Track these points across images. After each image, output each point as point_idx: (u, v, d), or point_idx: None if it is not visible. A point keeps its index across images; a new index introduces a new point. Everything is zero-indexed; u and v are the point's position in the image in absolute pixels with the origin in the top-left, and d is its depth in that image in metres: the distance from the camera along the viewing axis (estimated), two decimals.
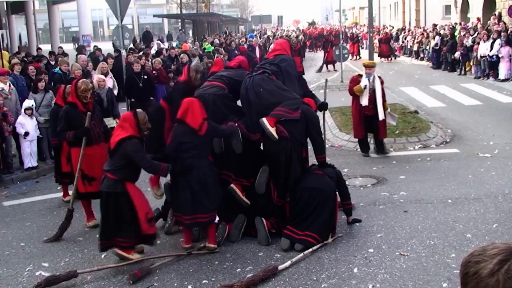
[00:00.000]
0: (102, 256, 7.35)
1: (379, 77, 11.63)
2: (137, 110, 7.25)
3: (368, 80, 11.34)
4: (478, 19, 30.37)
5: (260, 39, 37.42)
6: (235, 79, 7.89)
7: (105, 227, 7.00)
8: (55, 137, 9.38)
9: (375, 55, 26.13)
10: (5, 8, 29.88)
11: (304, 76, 24.81)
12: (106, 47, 26.29)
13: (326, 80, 10.26)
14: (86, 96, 8.36)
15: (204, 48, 25.50)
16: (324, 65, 29.51)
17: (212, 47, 24.42)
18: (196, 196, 6.98)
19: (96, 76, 13.07)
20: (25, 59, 18.86)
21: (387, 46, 34.59)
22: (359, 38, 39.51)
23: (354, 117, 11.87)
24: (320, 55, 42.73)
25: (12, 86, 12.24)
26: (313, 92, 9.74)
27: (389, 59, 34.33)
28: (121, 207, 6.90)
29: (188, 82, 8.10)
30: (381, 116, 11.29)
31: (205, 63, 19.14)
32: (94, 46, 24.89)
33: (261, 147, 7.90)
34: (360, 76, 11.62)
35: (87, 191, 8.41)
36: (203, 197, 7.00)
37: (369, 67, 11.57)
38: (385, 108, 11.46)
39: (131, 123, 6.94)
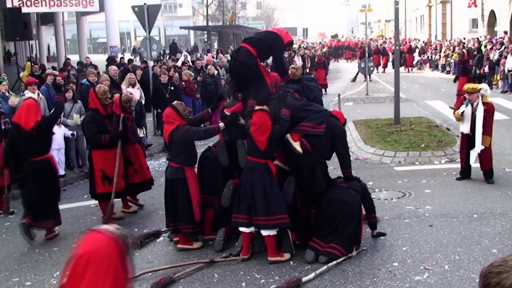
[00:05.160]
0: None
1: (488, 104, 10.26)
2: (173, 103, 7.89)
3: (471, 105, 10.20)
4: (505, 32, 30.12)
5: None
6: None
7: (169, 211, 7.84)
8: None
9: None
10: (36, 19, 30.42)
11: (328, 89, 25.13)
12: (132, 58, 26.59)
13: (339, 95, 10.18)
14: (106, 98, 9.01)
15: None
16: (358, 75, 29.51)
17: None
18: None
19: (126, 90, 13.32)
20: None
21: (411, 57, 37.19)
22: (387, 50, 39.44)
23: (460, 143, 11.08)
24: (345, 66, 42.81)
25: (40, 95, 12.44)
26: (338, 104, 9.77)
27: (411, 69, 36.61)
28: (179, 192, 7.65)
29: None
30: (477, 148, 10.19)
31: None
32: (121, 57, 25.20)
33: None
34: (465, 99, 10.41)
35: (105, 191, 8.95)
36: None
37: (470, 92, 10.17)
38: (485, 142, 10.21)
39: (173, 116, 7.67)
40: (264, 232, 7.21)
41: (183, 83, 16.28)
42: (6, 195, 10.23)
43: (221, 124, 7.78)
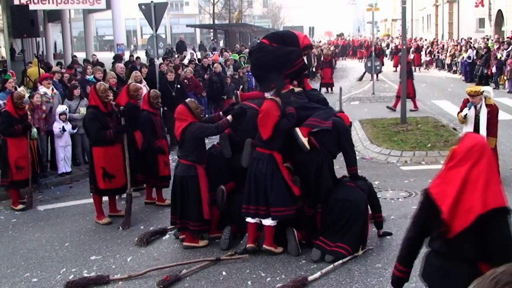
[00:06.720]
0: (133, 262, 7.46)
1: (491, 106, 10.21)
2: (186, 100, 7.96)
3: (475, 108, 10.14)
4: None
5: None
6: None
7: (177, 208, 7.81)
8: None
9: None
10: (43, 16, 30.45)
11: (334, 89, 25.07)
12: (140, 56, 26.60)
13: (340, 88, 10.19)
14: (107, 96, 9.06)
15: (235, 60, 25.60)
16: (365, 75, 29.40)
17: (237, 55, 24.50)
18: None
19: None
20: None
21: (419, 56, 36.84)
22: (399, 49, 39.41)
23: None
24: (352, 64, 42.76)
25: (55, 90, 12.45)
26: (344, 103, 9.82)
27: (419, 69, 35.91)
28: (190, 190, 7.63)
29: None
30: None
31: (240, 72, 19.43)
32: (130, 55, 25.23)
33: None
34: (469, 100, 10.30)
35: (107, 187, 9.07)
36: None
37: (472, 95, 10.10)
38: (490, 144, 9.50)
39: (186, 114, 7.68)
40: (265, 222, 7.32)
41: (186, 81, 16.24)
42: (30, 188, 10.39)
43: (229, 117, 7.80)
